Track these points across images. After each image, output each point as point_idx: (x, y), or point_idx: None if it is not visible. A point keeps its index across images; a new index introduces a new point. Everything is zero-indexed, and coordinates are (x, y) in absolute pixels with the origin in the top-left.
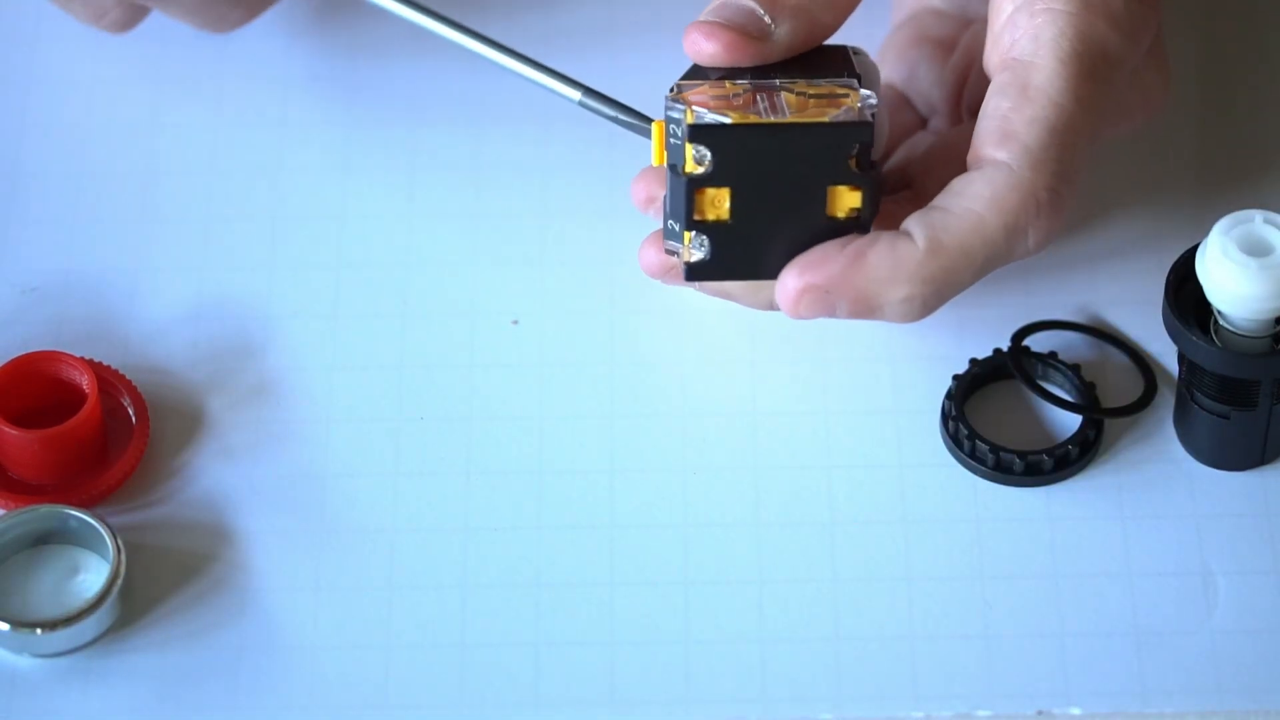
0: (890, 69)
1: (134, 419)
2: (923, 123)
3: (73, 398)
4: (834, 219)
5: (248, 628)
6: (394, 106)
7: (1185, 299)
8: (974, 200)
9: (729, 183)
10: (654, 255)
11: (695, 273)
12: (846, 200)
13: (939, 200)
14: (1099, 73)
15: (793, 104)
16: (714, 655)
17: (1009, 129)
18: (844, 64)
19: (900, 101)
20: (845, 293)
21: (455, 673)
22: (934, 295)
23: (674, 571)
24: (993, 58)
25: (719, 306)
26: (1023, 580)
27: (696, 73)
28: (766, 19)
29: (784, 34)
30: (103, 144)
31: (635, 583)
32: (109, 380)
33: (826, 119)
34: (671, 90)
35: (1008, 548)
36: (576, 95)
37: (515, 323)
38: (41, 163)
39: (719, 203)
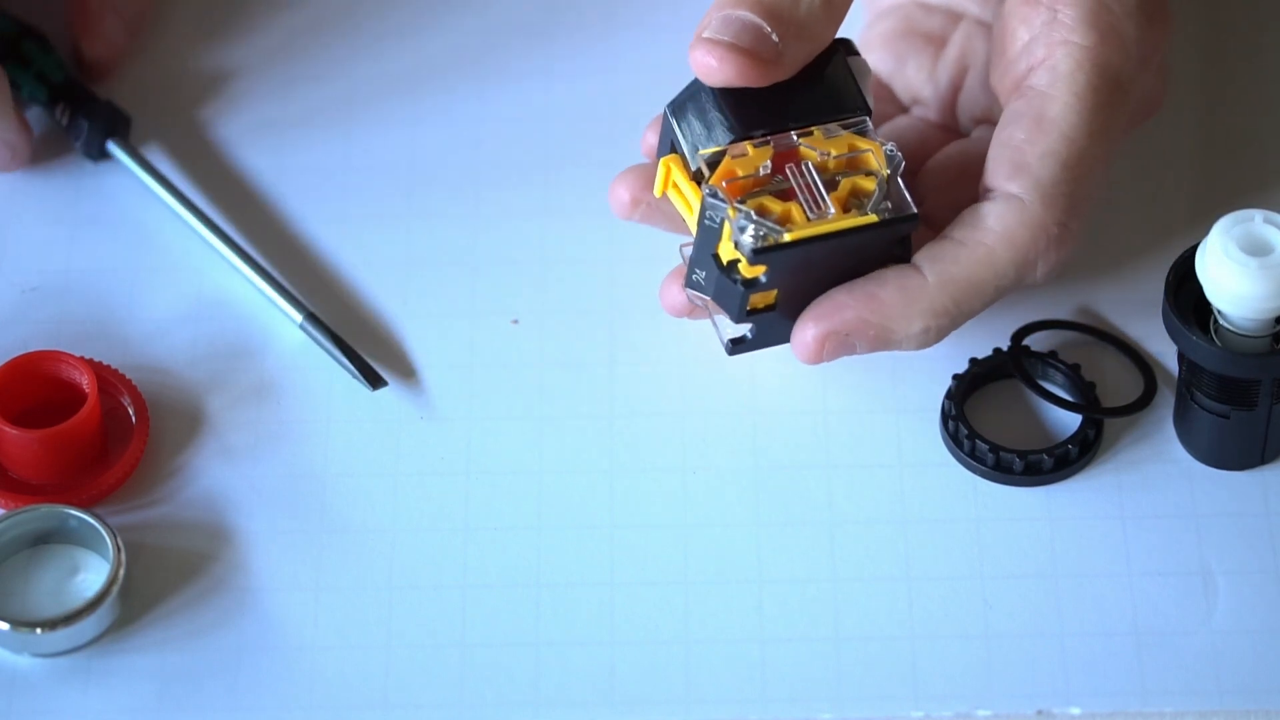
0: (875, 59)
1: (134, 419)
2: (903, 109)
3: (73, 398)
4: None
5: (248, 628)
6: (394, 106)
7: (1185, 299)
8: (985, 234)
9: (780, 285)
10: (677, 297)
11: (737, 348)
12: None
13: (949, 231)
14: (1112, 103)
15: (825, 169)
16: (714, 655)
17: (1022, 161)
18: (844, 84)
19: (884, 92)
20: (863, 334)
21: (455, 673)
22: (949, 324)
23: (674, 571)
24: (1004, 81)
25: None
26: (1023, 580)
27: (692, 96)
28: (775, 38)
29: (792, 54)
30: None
31: (635, 583)
32: (109, 380)
33: (877, 219)
34: (707, 190)
35: (1008, 547)
36: (298, 318)
37: (515, 322)
38: (42, 162)
39: (767, 296)
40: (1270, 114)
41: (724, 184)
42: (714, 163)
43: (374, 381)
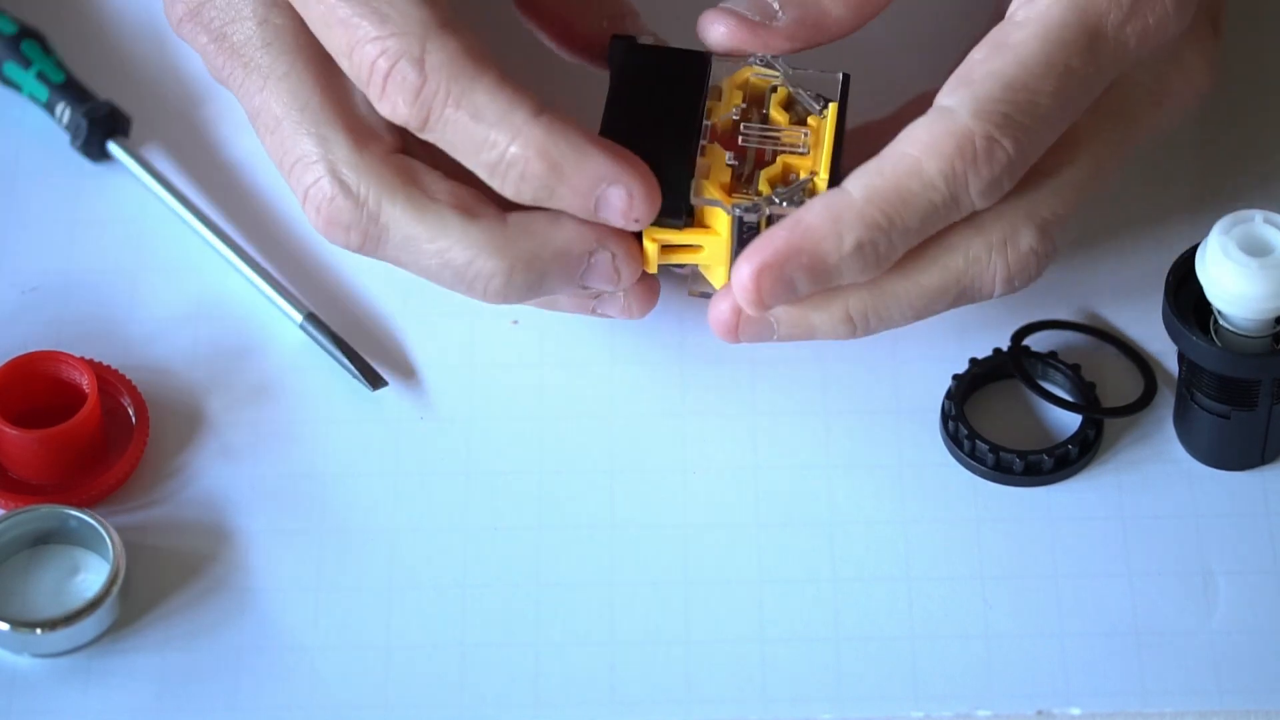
0: None
1: (134, 419)
2: None
3: (73, 398)
4: None
5: (248, 628)
6: None
7: (1185, 299)
8: (911, 144)
9: None
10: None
11: None
12: None
13: (883, 150)
14: (1086, 45)
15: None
16: (714, 655)
17: (967, 77)
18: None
19: None
20: (796, 260)
21: (455, 673)
22: (884, 241)
23: (674, 571)
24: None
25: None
26: (1022, 580)
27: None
28: (774, 4)
29: (786, 21)
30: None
31: (635, 583)
32: (109, 380)
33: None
34: (736, 209)
35: (1007, 548)
36: (299, 317)
37: (515, 323)
38: (42, 162)
39: None
40: (1270, 114)
41: (729, 195)
42: (690, 209)
43: (374, 381)
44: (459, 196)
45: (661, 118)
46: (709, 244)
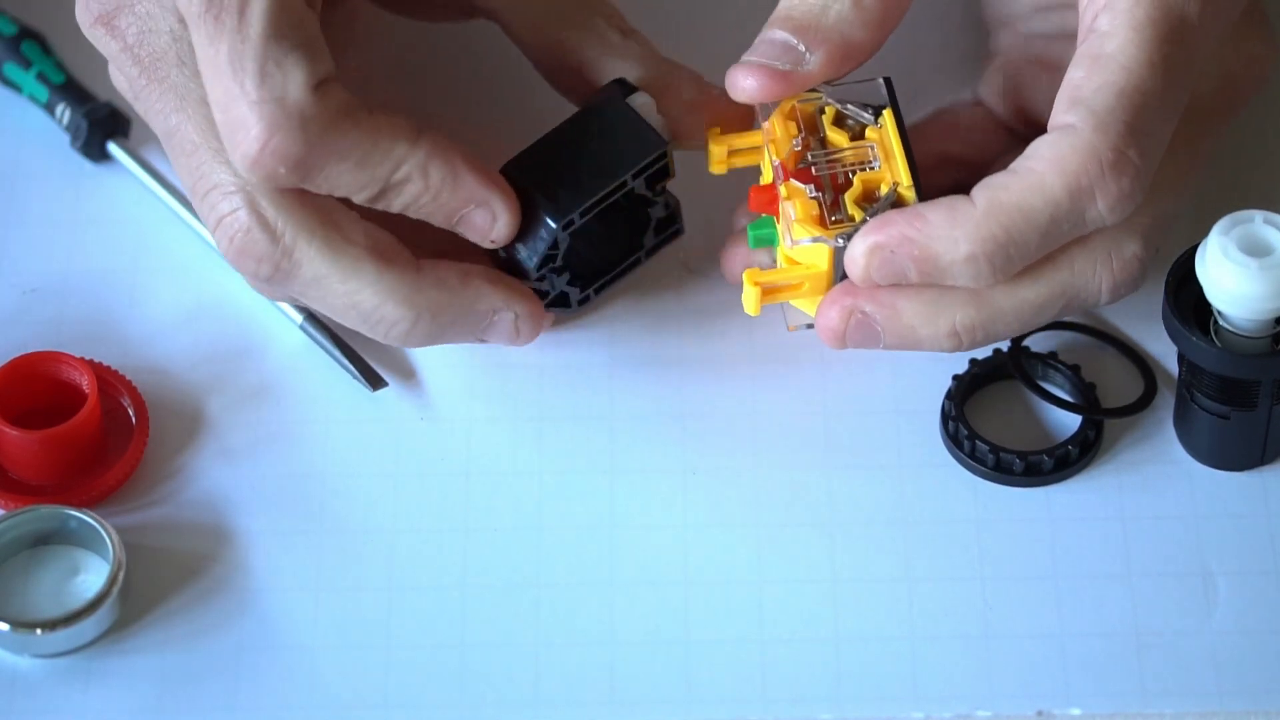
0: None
1: (134, 419)
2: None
3: (73, 398)
4: None
5: (248, 628)
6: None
7: (1185, 299)
8: (1036, 161)
9: None
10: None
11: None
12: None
13: (1009, 165)
14: (1176, 37)
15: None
16: (714, 655)
17: (1078, 95)
18: (635, 127)
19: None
20: (908, 250)
21: (455, 673)
22: (999, 255)
23: (674, 571)
24: (1080, 39)
25: (719, 305)
26: (1023, 580)
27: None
28: (801, 47)
29: (817, 61)
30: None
31: (635, 583)
32: (109, 380)
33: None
34: (838, 243)
35: (1008, 548)
36: (299, 319)
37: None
38: (42, 162)
39: None
40: (1270, 114)
41: (824, 227)
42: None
43: (374, 382)
44: (375, 240)
45: (582, 169)
46: (810, 280)
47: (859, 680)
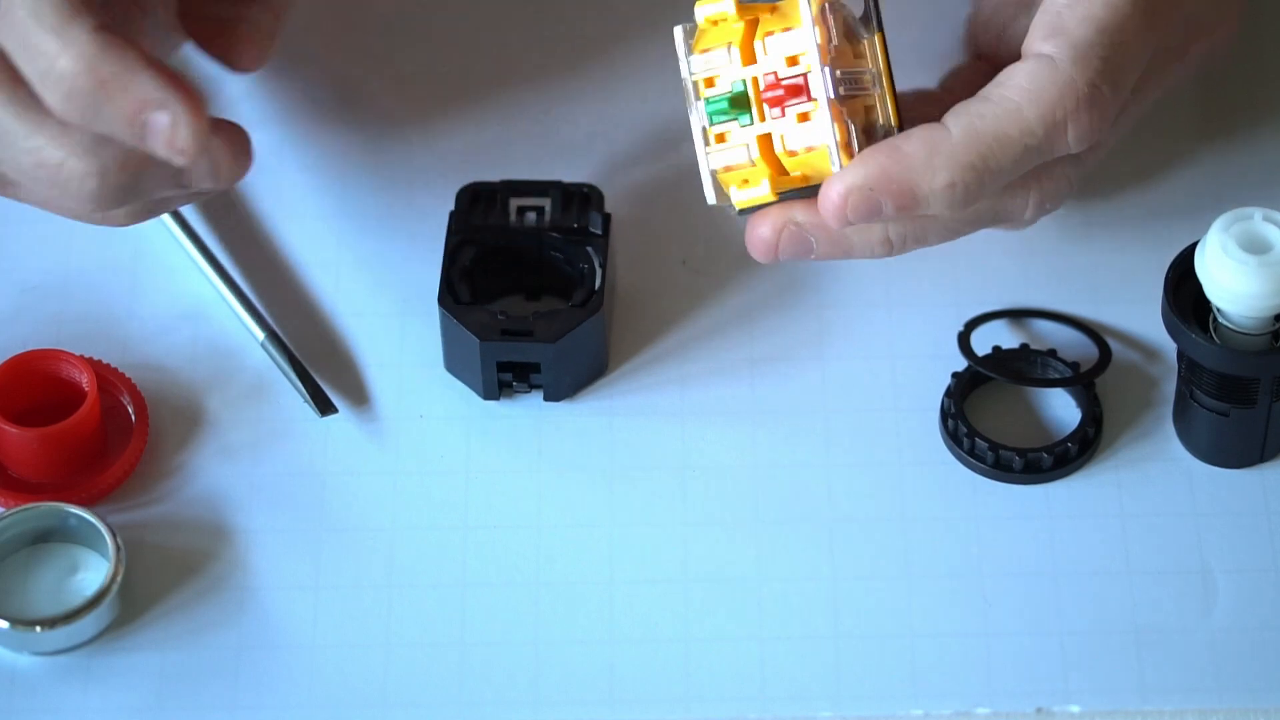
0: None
1: (133, 418)
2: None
3: (72, 396)
4: None
5: (247, 627)
6: (395, 107)
7: (1184, 296)
8: (1012, 90)
9: None
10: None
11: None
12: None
13: (981, 92)
14: None
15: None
16: (714, 655)
17: (1059, 24)
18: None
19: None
20: (887, 186)
21: (455, 672)
22: (975, 182)
23: (674, 571)
24: None
25: (719, 304)
26: (1022, 578)
27: None
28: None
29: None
30: None
31: (635, 582)
32: (108, 379)
33: None
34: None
35: (1007, 546)
36: (260, 335)
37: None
38: None
39: None
40: (1270, 113)
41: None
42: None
43: (324, 407)
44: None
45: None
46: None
47: (858, 677)
